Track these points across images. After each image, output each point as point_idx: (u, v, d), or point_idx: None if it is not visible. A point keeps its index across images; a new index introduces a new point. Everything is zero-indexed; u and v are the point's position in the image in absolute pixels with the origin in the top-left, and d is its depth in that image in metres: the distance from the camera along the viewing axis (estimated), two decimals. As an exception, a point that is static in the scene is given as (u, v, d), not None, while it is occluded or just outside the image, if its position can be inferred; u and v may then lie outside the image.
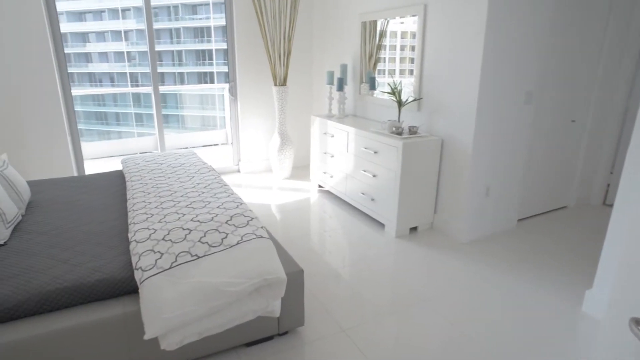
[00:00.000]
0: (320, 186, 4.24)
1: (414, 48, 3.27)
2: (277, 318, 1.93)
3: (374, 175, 3.25)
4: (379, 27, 3.66)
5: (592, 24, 3.27)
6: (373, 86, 3.76)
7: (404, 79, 3.44)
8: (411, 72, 3.34)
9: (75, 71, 8.07)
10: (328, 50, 4.48)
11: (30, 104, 3.54)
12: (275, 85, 4.31)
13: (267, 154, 4.84)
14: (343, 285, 2.52)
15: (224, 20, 4.38)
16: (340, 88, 3.87)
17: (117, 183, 2.88)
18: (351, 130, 3.48)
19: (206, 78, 8.68)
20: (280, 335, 2.02)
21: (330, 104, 4.08)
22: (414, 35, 3.24)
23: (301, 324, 2.03)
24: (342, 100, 3.92)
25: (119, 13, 8.11)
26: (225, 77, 4.59)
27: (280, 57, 4.22)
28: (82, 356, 1.56)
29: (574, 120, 3.50)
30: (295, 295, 1.94)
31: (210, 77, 8.61)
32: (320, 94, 4.73)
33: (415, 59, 3.25)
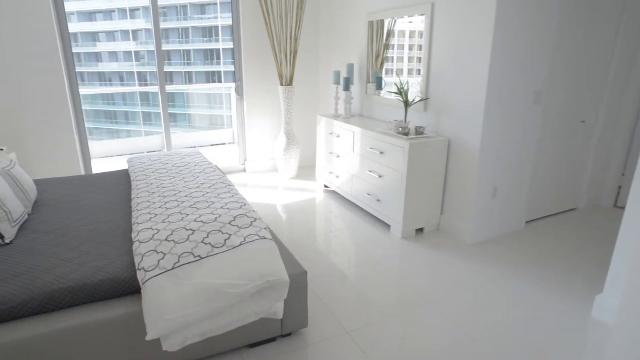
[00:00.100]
0: (325, 186, 4.23)
1: (421, 47, 3.24)
2: (281, 319, 1.92)
3: (379, 176, 3.23)
4: (386, 27, 3.63)
5: (602, 24, 3.21)
6: (380, 86, 3.74)
7: (411, 79, 3.41)
8: (418, 72, 3.31)
9: (85, 70, 8.15)
10: (334, 50, 4.46)
11: (38, 103, 3.58)
12: (282, 84, 4.30)
13: (273, 153, 4.83)
14: (348, 286, 2.50)
15: (231, 20, 4.39)
16: (347, 88, 3.85)
17: (124, 182, 2.89)
18: (357, 130, 3.46)
19: (214, 77, 8.72)
20: (284, 336, 2.01)
21: (337, 104, 4.06)
22: (422, 34, 3.21)
23: (305, 325, 2.02)
24: (349, 100, 3.90)
25: (127, 13, 8.17)
26: (233, 76, 4.60)
27: (286, 57, 4.21)
28: (84, 356, 1.56)
29: (583, 121, 3.44)
30: (299, 296, 1.93)
31: (218, 76, 8.65)
32: (326, 93, 4.71)
33: (422, 58, 3.22)
